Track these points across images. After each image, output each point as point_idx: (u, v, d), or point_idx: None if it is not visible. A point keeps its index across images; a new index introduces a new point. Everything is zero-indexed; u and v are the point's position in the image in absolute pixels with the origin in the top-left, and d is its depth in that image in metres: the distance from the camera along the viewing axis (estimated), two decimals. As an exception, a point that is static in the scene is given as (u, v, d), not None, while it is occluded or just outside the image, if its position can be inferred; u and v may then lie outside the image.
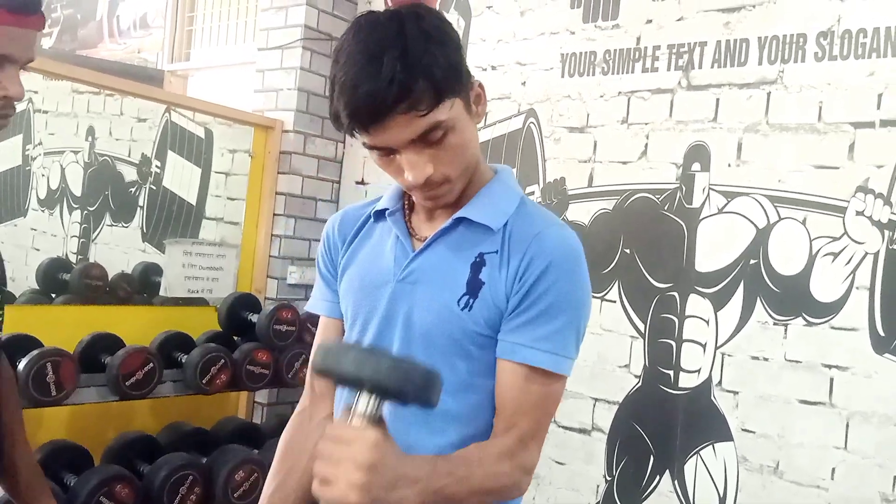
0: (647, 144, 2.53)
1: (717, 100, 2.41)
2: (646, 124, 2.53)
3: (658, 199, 2.49)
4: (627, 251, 2.54)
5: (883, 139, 2.13)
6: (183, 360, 2.41)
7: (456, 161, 1.08)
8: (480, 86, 1.10)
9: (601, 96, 2.63)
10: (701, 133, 2.43)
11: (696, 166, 2.43)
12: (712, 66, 2.42)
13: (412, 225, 1.19)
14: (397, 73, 0.98)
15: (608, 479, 2.54)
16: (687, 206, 2.44)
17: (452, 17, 3.03)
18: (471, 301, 1.09)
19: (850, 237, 2.16)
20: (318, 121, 3.30)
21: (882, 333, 2.11)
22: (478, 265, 1.10)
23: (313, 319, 2.69)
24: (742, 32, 2.37)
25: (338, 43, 1.08)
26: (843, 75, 2.20)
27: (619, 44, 2.61)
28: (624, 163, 2.57)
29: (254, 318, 2.70)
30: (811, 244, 2.22)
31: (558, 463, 2.63)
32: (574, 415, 2.61)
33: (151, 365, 2.24)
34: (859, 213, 2.15)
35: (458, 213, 1.13)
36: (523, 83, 2.82)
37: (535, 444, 1.09)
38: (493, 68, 2.89)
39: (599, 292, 2.57)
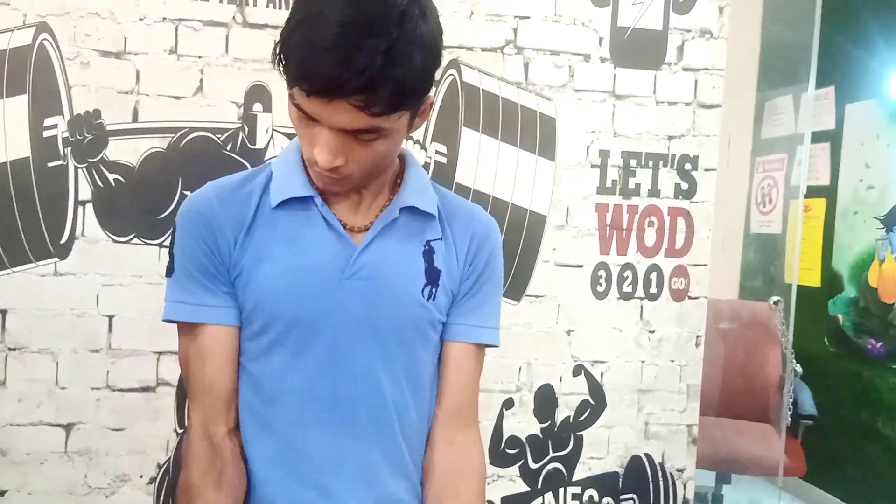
0: (202, 80, 2.39)
1: (275, 41, 2.42)
2: (199, 58, 2.38)
3: (219, 138, 2.40)
4: (188, 193, 2.38)
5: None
6: None
7: (368, 164, 1.02)
8: (431, 102, 1.04)
9: (141, 19, 2.33)
10: (261, 73, 2.42)
11: (257, 107, 2.42)
12: (267, 6, 2.42)
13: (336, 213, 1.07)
14: (373, 66, 0.87)
15: (179, 430, 2.41)
16: (251, 146, 2.42)
17: None
18: (433, 290, 1.09)
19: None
20: None
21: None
22: (429, 253, 1.10)
23: None
24: (295, -23, 2.43)
25: None
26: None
27: (158, -37, 2.35)
28: (177, 97, 2.37)
29: None
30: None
31: (116, 430, 2.36)
32: (134, 374, 2.37)
33: None
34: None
35: (404, 202, 1.09)
36: (27, -12, 2.28)
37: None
38: (-24, -39, 2.24)
39: (157, 238, 2.36)
